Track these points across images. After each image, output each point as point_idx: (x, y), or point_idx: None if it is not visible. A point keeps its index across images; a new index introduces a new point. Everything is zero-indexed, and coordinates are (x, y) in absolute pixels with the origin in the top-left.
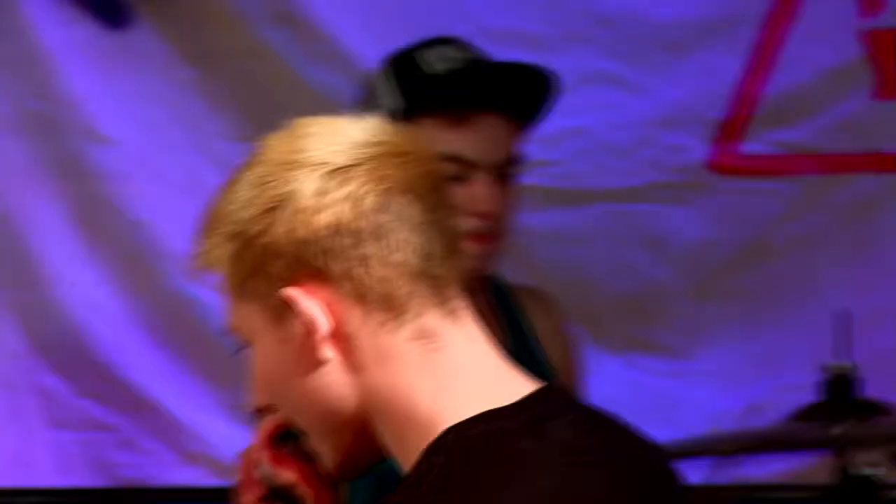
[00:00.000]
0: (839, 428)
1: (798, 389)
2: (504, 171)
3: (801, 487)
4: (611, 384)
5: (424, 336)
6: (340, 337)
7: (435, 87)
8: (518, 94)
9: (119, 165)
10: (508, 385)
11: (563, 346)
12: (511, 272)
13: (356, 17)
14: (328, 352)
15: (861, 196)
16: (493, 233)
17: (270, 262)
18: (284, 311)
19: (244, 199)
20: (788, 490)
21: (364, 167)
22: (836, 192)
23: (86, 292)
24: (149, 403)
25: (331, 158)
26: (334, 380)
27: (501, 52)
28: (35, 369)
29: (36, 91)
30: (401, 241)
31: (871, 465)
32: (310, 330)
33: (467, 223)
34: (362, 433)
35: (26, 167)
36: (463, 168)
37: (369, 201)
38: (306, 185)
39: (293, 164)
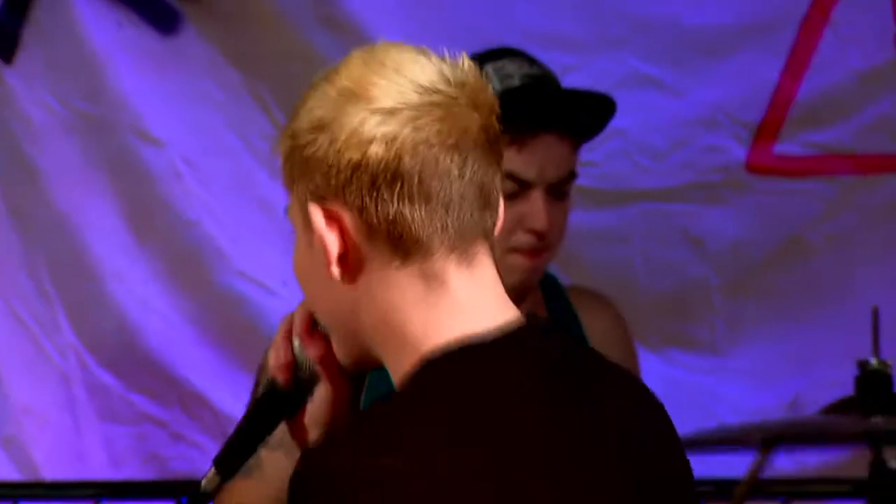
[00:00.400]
0: (874, 422)
1: (833, 386)
2: (558, 188)
3: (837, 481)
4: (650, 380)
5: (429, 276)
6: (351, 260)
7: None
8: (577, 117)
9: (168, 165)
10: (499, 322)
11: (616, 345)
12: (552, 271)
13: (398, 20)
14: (335, 271)
15: (894, 196)
16: (544, 248)
17: (308, 174)
18: (309, 227)
19: (307, 108)
20: (823, 483)
21: (409, 113)
22: (870, 192)
23: (136, 289)
24: (198, 398)
25: (381, 97)
26: (341, 295)
27: (542, 54)
28: (89, 364)
29: (87, 93)
30: (424, 189)
31: None
32: (323, 248)
33: (521, 238)
34: (363, 343)
35: (79, 167)
36: (518, 185)
37: (400, 146)
38: (349, 118)
39: (349, 95)
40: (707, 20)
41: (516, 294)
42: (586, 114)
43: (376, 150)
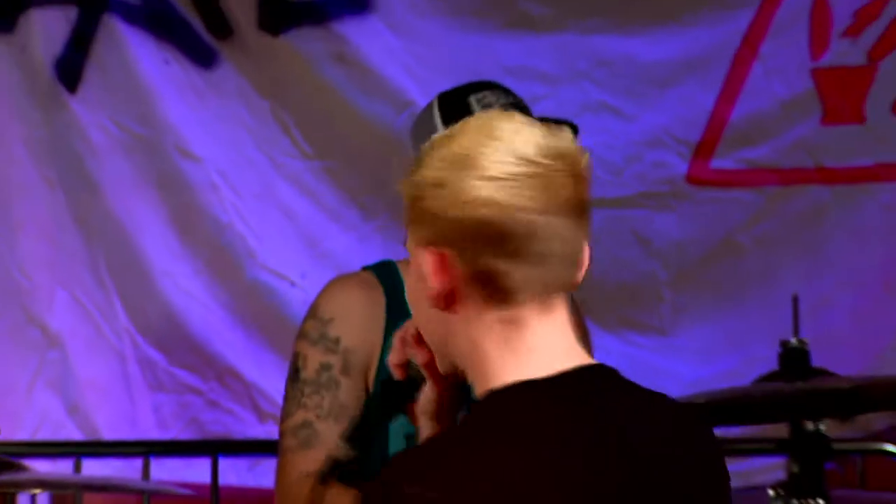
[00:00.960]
0: (795, 389)
1: (761, 361)
2: None
3: (762, 440)
4: (607, 356)
5: (512, 321)
6: (450, 298)
7: None
8: None
9: (205, 178)
10: (568, 364)
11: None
12: None
13: (398, 57)
14: (436, 305)
15: (811, 204)
16: None
17: (425, 222)
18: (422, 263)
19: (428, 165)
20: (751, 442)
21: (511, 182)
22: (791, 201)
23: (180, 282)
24: (231, 372)
25: (489, 167)
26: (440, 323)
27: (518, 85)
28: (140, 344)
29: (139, 118)
30: (519, 249)
31: (817, 422)
32: (428, 285)
33: None
34: (455, 362)
35: (131, 180)
36: None
37: (502, 211)
38: (462, 183)
39: (463, 161)
40: (656, 57)
41: None
42: None
43: (483, 212)
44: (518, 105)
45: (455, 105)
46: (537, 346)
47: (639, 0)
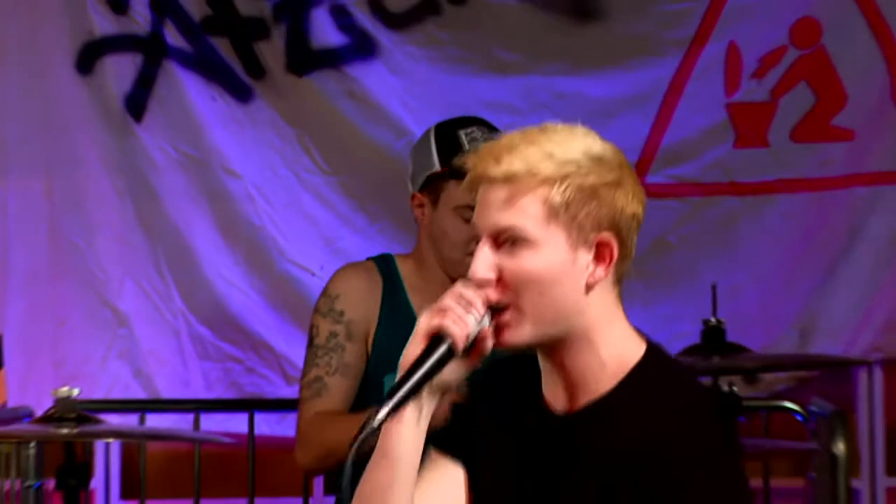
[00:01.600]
0: (713, 360)
1: (686, 337)
2: None
3: None
4: None
5: (616, 299)
6: (601, 279)
7: (463, 161)
8: None
9: (243, 191)
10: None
11: None
12: None
13: (398, 95)
14: (589, 283)
15: (726, 211)
16: None
17: (599, 215)
18: (583, 245)
19: (605, 169)
20: None
21: (639, 185)
22: (710, 208)
23: (224, 272)
24: (264, 345)
25: (634, 177)
26: (572, 298)
27: (491, 115)
28: (192, 322)
29: (191, 142)
30: (635, 243)
31: (731, 384)
32: (597, 266)
33: (474, 249)
34: (557, 332)
35: (185, 191)
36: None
37: (641, 209)
38: (627, 182)
39: (624, 164)
40: (603, 94)
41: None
42: None
43: (641, 211)
44: (500, 136)
45: (447, 136)
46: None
47: (589, 48)
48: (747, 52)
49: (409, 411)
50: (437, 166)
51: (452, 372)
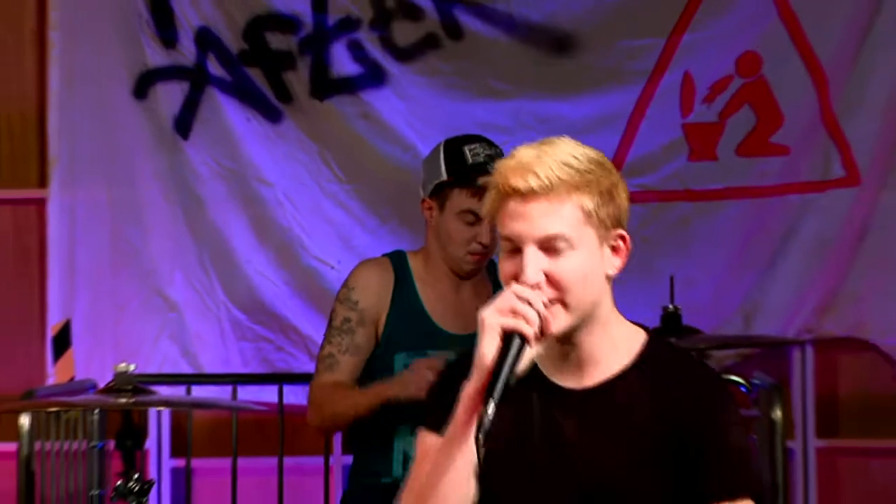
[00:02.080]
0: (670, 341)
1: (648, 321)
2: None
3: None
4: None
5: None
6: (619, 270)
7: (467, 172)
8: None
9: (274, 198)
10: None
11: None
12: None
13: (404, 117)
14: (615, 273)
15: (681, 215)
16: (488, 253)
17: (615, 214)
18: (606, 242)
19: (611, 172)
20: None
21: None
22: (667, 212)
23: (258, 266)
24: (291, 328)
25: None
26: (601, 289)
27: (485, 133)
28: (230, 309)
29: (230, 156)
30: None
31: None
32: (614, 258)
33: (475, 247)
34: (583, 320)
35: (225, 198)
36: (475, 218)
37: None
38: (621, 181)
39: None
40: (578, 115)
41: (470, 276)
42: None
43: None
44: (498, 151)
45: (453, 150)
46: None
47: (566, 78)
48: (699, 80)
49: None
50: (444, 176)
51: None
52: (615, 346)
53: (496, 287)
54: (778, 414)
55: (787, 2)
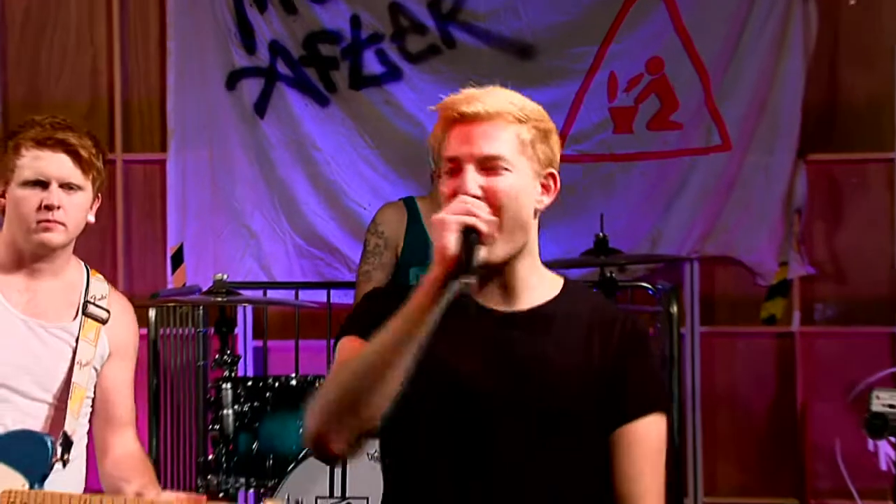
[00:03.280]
0: (601, 258)
1: (583, 246)
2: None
3: (587, 281)
4: None
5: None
6: (546, 206)
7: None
8: None
9: (324, 159)
10: None
11: None
12: None
13: (415, 103)
14: (546, 204)
15: (607, 172)
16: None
17: (548, 154)
18: (537, 176)
19: (548, 119)
20: (584, 282)
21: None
22: (598, 170)
23: (313, 208)
24: (337, 250)
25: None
26: (531, 219)
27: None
28: (294, 236)
29: (292, 130)
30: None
31: (611, 273)
32: (543, 195)
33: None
34: (519, 247)
35: (291, 161)
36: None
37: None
38: (556, 134)
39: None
40: (536, 101)
41: None
42: None
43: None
44: None
45: None
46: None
47: (528, 74)
48: (621, 77)
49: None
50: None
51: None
52: (543, 278)
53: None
54: (674, 309)
55: (681, 20)
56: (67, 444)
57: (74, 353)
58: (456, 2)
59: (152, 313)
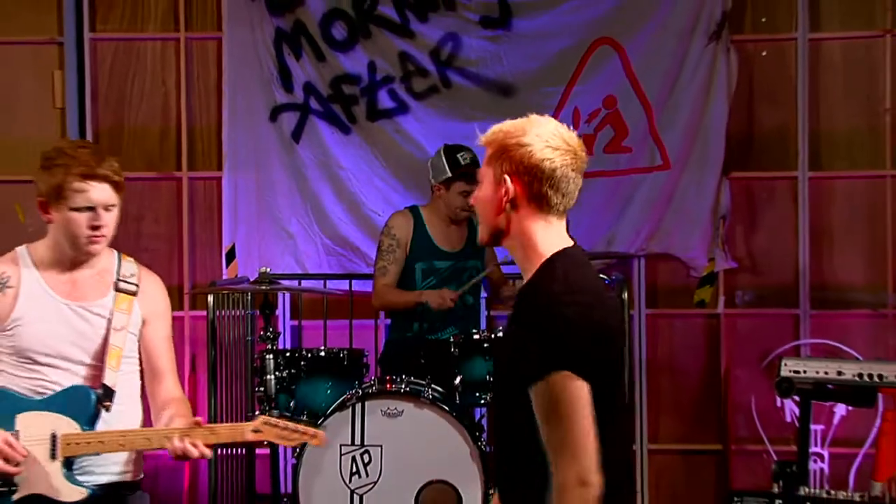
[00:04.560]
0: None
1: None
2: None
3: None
4: None
5: (546, 221)
6: (516, 205)
7: (462, 171)
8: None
9: (347, 177)
10: (569, 242)
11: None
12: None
13: (420, 132)
14: (507, 207)
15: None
16: (472, 211)
17: (509, 163)
18: (501, 184)
19: (509, 141)
20: None
21: (562, 151)
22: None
23: (339, 215)
24: (357, 248)
25: (552, 140)
26: (504, 215)
27: (465, 142)
28: (323, 238)
29: (322, 153)
30: (560, 186)
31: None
32: (504, 195)
33: (466, 206)
34: (496, 234)
35: (321, 178)
36: (468, 194)
37: (557, 164)
38: (538, 146)
39: (535, 136)
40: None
41: (459, 222)
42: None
43: (548, 164)
44: (474, 155)
45: (451, 153)
46: (557, 233)
47: (509, 109)
48: (583, 111)
49: None
50: (449, 173)
51: None
52: (532, 266)
53: (471, 229)
54: (625, 296)
55: (630, 67)
56: (108, 393)
57: (109, 321)
58: (452, 51)
59: (210, 299)
